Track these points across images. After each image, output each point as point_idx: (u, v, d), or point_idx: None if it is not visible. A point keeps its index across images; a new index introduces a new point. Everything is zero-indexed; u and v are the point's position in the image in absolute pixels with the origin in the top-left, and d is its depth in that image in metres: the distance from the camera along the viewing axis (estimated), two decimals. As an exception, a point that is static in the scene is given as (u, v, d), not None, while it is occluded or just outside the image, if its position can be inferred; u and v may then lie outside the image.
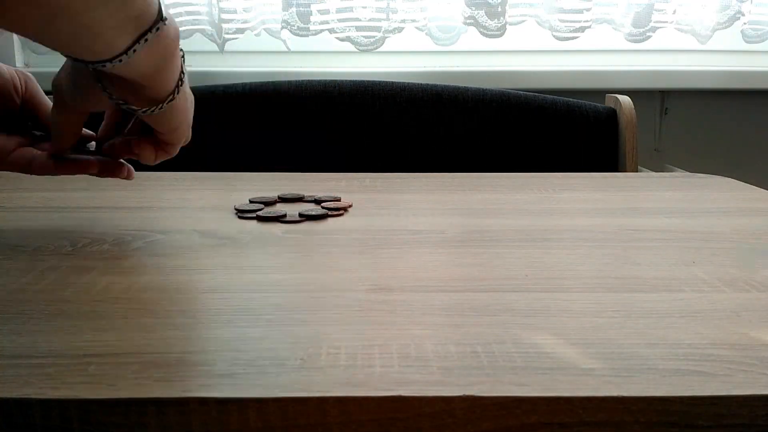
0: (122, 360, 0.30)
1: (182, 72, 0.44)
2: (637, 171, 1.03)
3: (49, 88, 0.47)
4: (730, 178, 0.78)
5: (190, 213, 0.59)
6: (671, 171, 1.13)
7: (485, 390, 0.28)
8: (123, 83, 0.43)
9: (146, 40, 0.39)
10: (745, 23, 1.24)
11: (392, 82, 1.09)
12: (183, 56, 0.45)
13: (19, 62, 1.25)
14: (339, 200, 0.62)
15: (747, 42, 1.26)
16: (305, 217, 0.57)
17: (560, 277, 0.42)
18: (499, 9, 1.20)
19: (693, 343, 0.33)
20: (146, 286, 0.40)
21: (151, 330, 0.34)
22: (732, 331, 0.34)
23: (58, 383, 0.28)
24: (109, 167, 0.52)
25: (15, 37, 1.22)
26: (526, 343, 0.32)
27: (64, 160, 0.50)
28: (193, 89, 0.51)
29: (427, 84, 1.09)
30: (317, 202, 0.62)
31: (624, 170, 1.04)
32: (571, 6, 1.22)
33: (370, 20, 1.21)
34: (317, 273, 0.43)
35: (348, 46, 1.23)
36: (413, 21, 1.22)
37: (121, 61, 0.39)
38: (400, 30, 1.22)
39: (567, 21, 1.22)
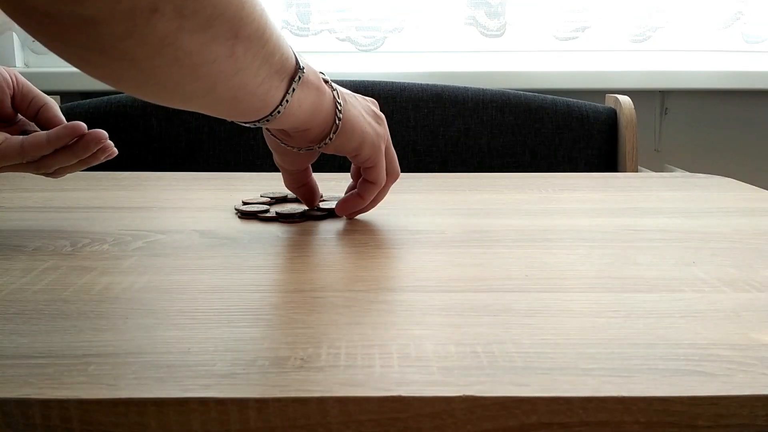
0: (122, 360, 0.30)
1: (338, 104, 0.50)
2: (637, 171, 1.03)
3: (48, 87, 0.47)
4: (730, 178, 0.78)
5: (190, 213, 0.59)
6: (671, 171, 1.13)
7: (485, 390, 0.28)
8: (293, 133, 0.50)
9: (293, 89, 0.44)
10: (745, 23, 1.24)
11: (392, 82, 1.09)
12: (335, 90, 0.50)
13: (18, 62, 1.25)
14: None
15: (747, 42, 1.26)
16: (305, 217, 0.57)
17: (560, 277, 0.42)
18: (499, 9, 1.20)
19: (693, 343, 0.33)
20: (146, 286, 0.40)
21: (151, 330, 0.34)
22: (732, 331, 0.34)
23: (58, 383, 0.28)
24: (92, 136, 0.52)
25: (15, 36, 1.22)
26: (526, 343, 0.32)
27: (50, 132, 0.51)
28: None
29: (427, 84, 1.09)
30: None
31: (624, 170, 1.04)
32: (571, 6, 1.22)
33: (370, 20, 1.21)
34: (317, 273, 0.43)
35: (348, 46, 1.23)
36: (413, 21, 1.22)
37: (279, 112, 0.45)
38: (400, 30, 1.22)
39: (567, 21, 1.22)
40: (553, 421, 0.27)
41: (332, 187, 0.71)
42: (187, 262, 0.45)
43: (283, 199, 0.64)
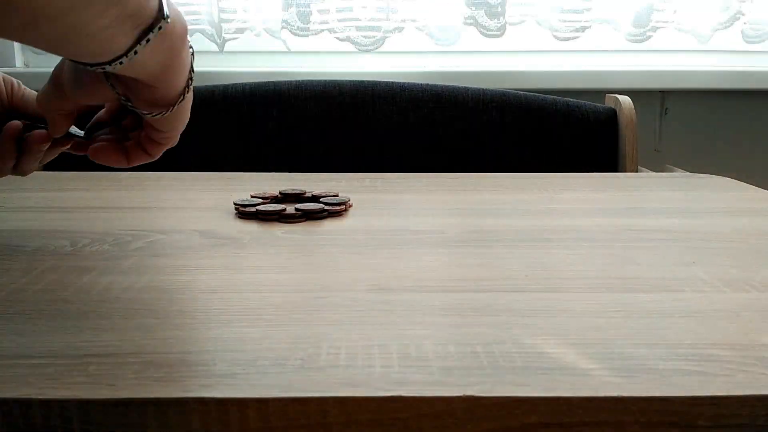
0: (122, 360, 0.30)
1: (191, 71, 0.43)
2: (637, 171, 1.03)
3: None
4: (730, 178, 0.78)
5: (190, 213, 0.59)
6: (671, 171, 1.13)
7: (485, 390, 0.28)
8: (130, 82, 0.41)
9: (148, 40, 0.37)
10: (745, 23, 1.24)
11: (392, 82, 1.09)
12: (192, 53, 0.43)
13: (18, 62, 1.25)
14: (338, 197, 0.62)
15: (747, 42, 1.26)
16: (303, 213, 0.57)
17: (560, 277, 0.42)
18: (499, 9, 1.20)
19: (693, 343, 0.33)
20: (146, 286, 0.40)
21: (151, 330, 0.34)
22: (732, 331, 0.34)
23: (58, 383, 0.28)
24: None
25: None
26: (526, 343, 0.32)
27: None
28: (194, 89, 0.50)
29: (427, 84, 1.09)
30: (316, 198, 0.62)
31: (624, 170, 1.04)
32: (571, 6, 1.22)
33: (370, 20, 1.21)
34: (317, 273, 0.43)
35: (348, 46, 1.23)
36: (413, 21, 1.22)
37: (122, 63, 0.37)
38: (400, 30, 1.22)
39: (567, 21, 1.22)
40: (553, 421, 0.27)
41: (332, 187, 0.71)
42: (187, 262, 0.45)
43: (283, 199, 0.64)
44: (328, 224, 0.56)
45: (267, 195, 0.63)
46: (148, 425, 0.27)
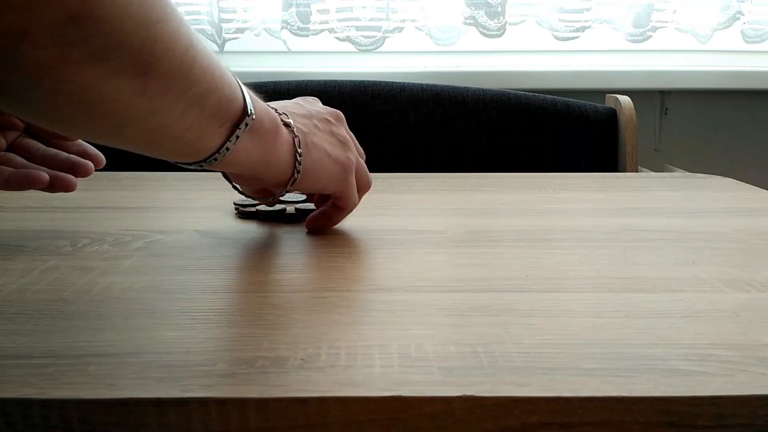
0: (122, 360, 0.30)
1: (298, 153, 0.46)
2: (637, 171, 1.03)
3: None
4: (730, 178, 0.78)
5: (190, 213, 0.59)
6: (671, 171, 1.13)
7: (485, 390, 0.28)
8: (247, 179, 0.47)
9: (237, 137, 0.40)
10: (745, 23, 1.24)
11: (392, 82, 1.09)
12: (296, 136, 0.46)
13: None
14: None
15: (747, 42, 1.26)
16: (303, 213, 0.57)
17: (560, 278, 0.42)
18: (499, 9, 1.20)
19: (693, 343, 0.33)
20: (146, 286, 0.40)
21: (151, 330, 0.34)
22: (732, 331, 0.34)
23: (58, 383, 0.28)
24: (59, 182, 0.49)
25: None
26: (526, 343, 0.32)
27: (11, 173, 0.47)
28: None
29: (427, 84, 1.09)
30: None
31: (624, 170, 1.04)
32: (571, 6, 1.22)
33: (370, 20, 1.21)
34: (317, 273, 0.43)
35: (348, 46, 1.23)
36: (413, 21, 1.22)
37: (216, 159, 0.41)
38: (400, 30, 1.22)
39: (567, 21, 1.22)
40: (553, 421, 0.27)
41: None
42: (187, 262, 0.45)
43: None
44: (328, 224, 0.56)
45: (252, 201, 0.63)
46: (148, 425, 0.27)
